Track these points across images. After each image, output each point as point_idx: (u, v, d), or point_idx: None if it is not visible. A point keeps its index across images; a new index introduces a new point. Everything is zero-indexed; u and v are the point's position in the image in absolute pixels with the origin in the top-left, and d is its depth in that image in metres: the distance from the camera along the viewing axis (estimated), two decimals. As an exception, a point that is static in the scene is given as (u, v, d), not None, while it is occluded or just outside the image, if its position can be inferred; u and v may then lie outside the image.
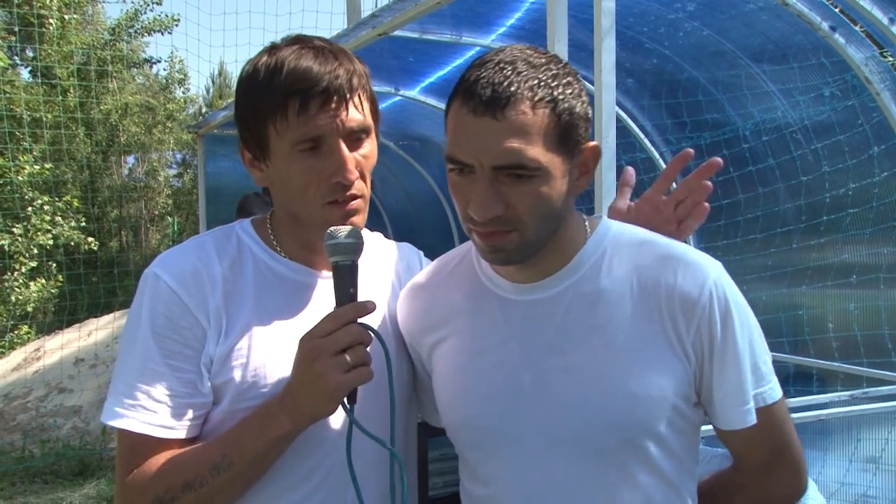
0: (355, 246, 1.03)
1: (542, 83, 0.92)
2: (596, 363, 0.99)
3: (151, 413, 1.03)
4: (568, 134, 0.94)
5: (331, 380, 0.96)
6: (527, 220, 0.95)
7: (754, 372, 1.02)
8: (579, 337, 1.01)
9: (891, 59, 3.17)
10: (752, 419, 1.02)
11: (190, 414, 1.04)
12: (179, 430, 1.04)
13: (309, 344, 0.98)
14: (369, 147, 1.09)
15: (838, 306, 3.44)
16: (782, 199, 3.64)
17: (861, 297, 3.34)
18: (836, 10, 3.04)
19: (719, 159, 1.19)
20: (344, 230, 1.03)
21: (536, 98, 0.91)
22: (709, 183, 1.18)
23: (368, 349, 1.00)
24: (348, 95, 1.04)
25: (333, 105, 1.03)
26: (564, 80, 0.94)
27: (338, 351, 0.97)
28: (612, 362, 0.99)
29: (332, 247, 1.02)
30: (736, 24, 3.31)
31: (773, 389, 1.05)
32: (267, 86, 1.03)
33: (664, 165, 4.09)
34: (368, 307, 1.00)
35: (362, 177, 1.08)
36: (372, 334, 1.01)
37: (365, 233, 1.18)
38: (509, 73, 0.92)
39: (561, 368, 1.01)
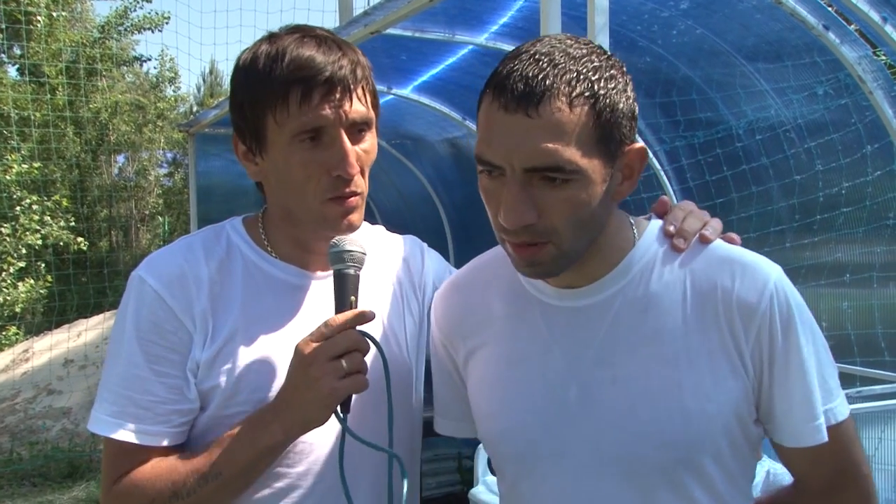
0: (360, 257, 1.00)
1: (582, 76, 0.83)
2: (647, 375, 0.92)
3: (137, 421, 1.00)
4: (609, 134, 0.85)
5: (325, 385, 0.93)
6: (562, 230, 0.87)
7: (822, 385, 0.93)
8: (629, 346, 0.93)
9: (884, 57, 3.17)
10: (824, 436, 0.93)
11: (176, 420, 1.02)
12: (165, 438, 1.01)
13: (306, 348, 0.96)
14: (370, 142, 1.06)
15: (832, 305, 3.43)
16: (776, 197, 3.64)
17: (854, 296, 3.34)
18: (831, 10, 3.03)
19: None
20: (349, 239, 1.00)
21: (574, 93, 0.83)
22: None
23: (367, 359, 0.98)
24: (352, 86, 1.01)
25: (337, 95, 1.00)
26: (607, 74, 0.85)
27: (334, 356, 0.94)
28: (664, 374, 0.91)
29: (336, 255, 1.00)
30: (730, 22, 3.31)
31: (842, 405, 0.96)
32: (268, 74, 0.99)
33: (658, 164, 4.08)
34: (368, 316, 0.98)
35: (362, 172, 1.05)
36: (370, 342, 0.99)
37: (367, 227, 1.15)
38: (545, 65, 0.83)
39: (609, 380, 0.93)
